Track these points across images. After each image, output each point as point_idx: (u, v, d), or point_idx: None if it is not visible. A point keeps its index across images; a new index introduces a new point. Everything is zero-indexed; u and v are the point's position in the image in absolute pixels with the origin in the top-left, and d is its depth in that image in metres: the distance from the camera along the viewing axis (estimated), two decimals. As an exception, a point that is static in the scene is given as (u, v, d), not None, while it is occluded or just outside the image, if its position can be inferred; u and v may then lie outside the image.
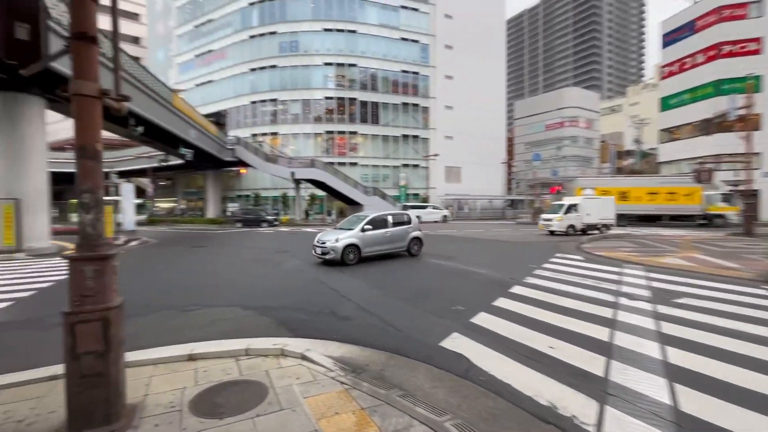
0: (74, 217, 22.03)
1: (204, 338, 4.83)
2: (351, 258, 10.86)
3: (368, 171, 42.04)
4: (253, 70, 42.74)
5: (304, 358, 4.15)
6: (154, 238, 20.30)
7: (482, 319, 5.73)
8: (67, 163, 41.04)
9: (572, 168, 57.62)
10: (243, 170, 39.39)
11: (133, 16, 60.87)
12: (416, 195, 42.79)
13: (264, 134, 42.20)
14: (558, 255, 12.47)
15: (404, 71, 43.15)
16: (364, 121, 41.82)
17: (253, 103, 42.91)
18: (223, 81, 45.34)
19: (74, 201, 30.40)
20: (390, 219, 11.97)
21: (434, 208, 37.40)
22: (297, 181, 33.51)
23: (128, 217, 18.88)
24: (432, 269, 10.28)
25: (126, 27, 59.44)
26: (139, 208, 32.88)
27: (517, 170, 61.61)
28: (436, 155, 42.37)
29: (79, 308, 2.73)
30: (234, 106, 44.04)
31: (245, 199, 42.66)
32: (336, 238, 10.85)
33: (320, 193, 38.03)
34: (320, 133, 41.61)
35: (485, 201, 46.46)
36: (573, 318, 5.69)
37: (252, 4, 42.56)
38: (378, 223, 11.67)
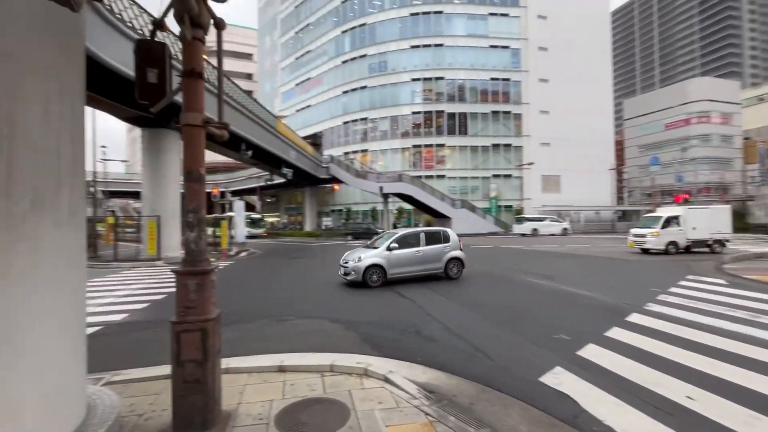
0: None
1: (294, 349, 5.01)
2: (374, 280, 9.82)
3: (456, 183, 41.17)
4: (345, 92, 45.67)
5: (387, 380, 3.98)
6: (260, 250, 22.62)
7: (592, 352, 4.90)
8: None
9: (704, 172, 48.48)
10: (336, 186, 41.94)
11: (247, 57, 70.56)
12: (509, 207, 40.40)
13: (355, 152, 44.49)
14: (690, 277, 10.34)
15: (494, 78, 41.62)
16: (451, 132, 41.29)
17: (345, 123, 45.69)
18: (320, 105, 49.34)
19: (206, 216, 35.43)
20: (422, 236, 10.78)
21: (553, 219, 34.77)
22: (385, 196, 34.37)
23: (239, 230, 21.43)
24: (528, 289, 9.36)
25: (241, 66, 69.27)
26: (256, 223, 36.93)
27: (630, 177, 54.13)
28: (530, 164, 39.60)
29: (184, 318, 2.98)
30: (328, 127, 47.53)
31: (338, 213, 45.26)
32: (359, 257, 9.99)
33: (408, 206, 38.40)
34: (407, 148, 42.26)
35: (591, 212, 41.65)
36: (719, 360, 4.51)
37: (344, 32, 45.79)
38: (408, 241, 10.52)
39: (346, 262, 10.19)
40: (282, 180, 36.68)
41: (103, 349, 5.53)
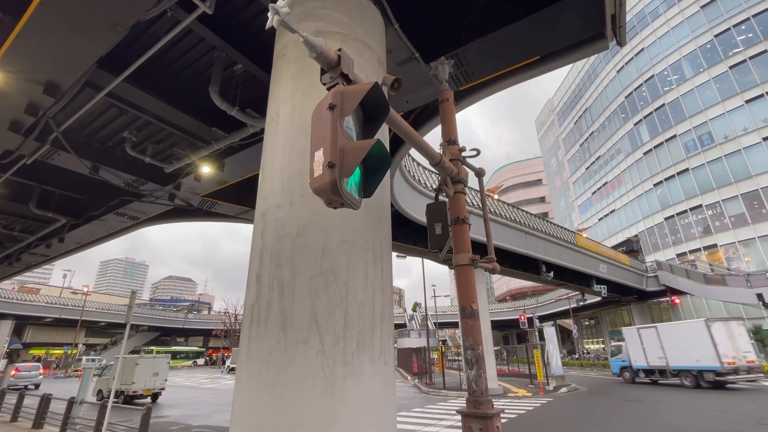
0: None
1: None
2: None
3: None
4: (657, 184, 38.30)
5: None
6: (584, 385, 19.23)
7: None
8: (503, 311, 50.54)
9: None
10: (677, 300, 32.13)
11: (536, 183, 74.70)
12: None
13: (694, 251, 33.94)
14: None
15: None
16: None
17: (668, 218, 36.92)
18: (626, 206, 43.18)
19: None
20: None
21: None
22: (772, 307, 22.77)
23: (555, 361, 19.34)
24: None
25: (533, 192, 73.62)
26: None
27: None
28: None
29: (471, 468, 2.81)
30: (644, 228, 39.81)
31: (690, 336, 33.26)
32: None
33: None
34: (793, 229, 28.13)
35: None
36: None
37: (637, 123, 41.07)
38: None
39: None
40: (597, 298, 32.15)
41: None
